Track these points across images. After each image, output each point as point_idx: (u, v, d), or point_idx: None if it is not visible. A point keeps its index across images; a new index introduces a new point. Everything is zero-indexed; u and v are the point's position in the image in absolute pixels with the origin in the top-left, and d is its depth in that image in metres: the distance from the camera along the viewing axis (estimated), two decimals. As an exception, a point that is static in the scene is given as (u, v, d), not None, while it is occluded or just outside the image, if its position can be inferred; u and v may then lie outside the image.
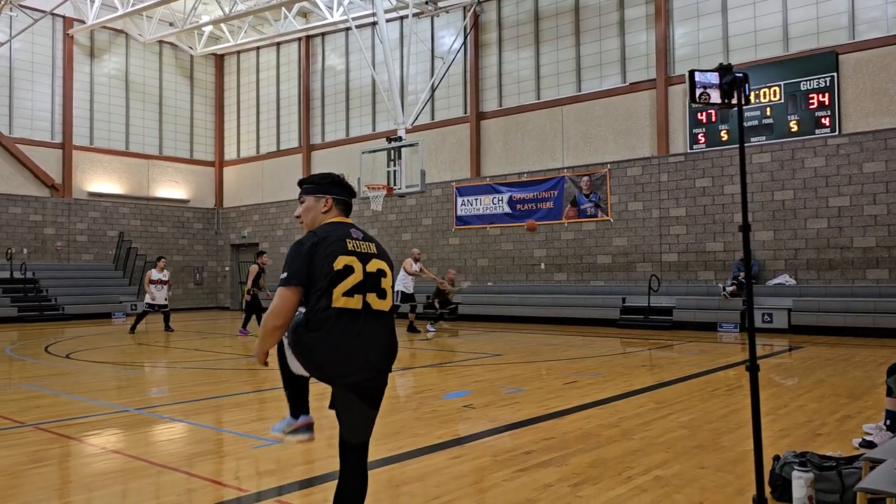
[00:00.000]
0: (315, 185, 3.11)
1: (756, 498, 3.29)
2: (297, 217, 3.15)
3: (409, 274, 15.75)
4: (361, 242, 3.00)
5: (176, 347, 13.14)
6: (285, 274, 2.84)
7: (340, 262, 2.87)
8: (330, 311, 2.83)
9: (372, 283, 2.92)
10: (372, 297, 2.91)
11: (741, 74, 2.90)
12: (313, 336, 2.84)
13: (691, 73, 2.88)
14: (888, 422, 4.96)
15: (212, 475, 4.58)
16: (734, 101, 2.82)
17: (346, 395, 2.94)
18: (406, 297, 15.83)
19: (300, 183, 3.16)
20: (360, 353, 2.86)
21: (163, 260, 16.90)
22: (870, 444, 4.85)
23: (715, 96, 2.83)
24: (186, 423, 6.30)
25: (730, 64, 2.92)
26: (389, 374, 3.05)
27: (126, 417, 6.61)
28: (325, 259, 2.86)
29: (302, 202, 3.13)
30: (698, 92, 2.82)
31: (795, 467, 3.52)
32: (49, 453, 5.24)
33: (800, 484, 3.40)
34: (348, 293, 2.85)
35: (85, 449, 5.39)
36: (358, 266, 2.90)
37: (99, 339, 15.12)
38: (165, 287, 16.39)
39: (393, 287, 3.07)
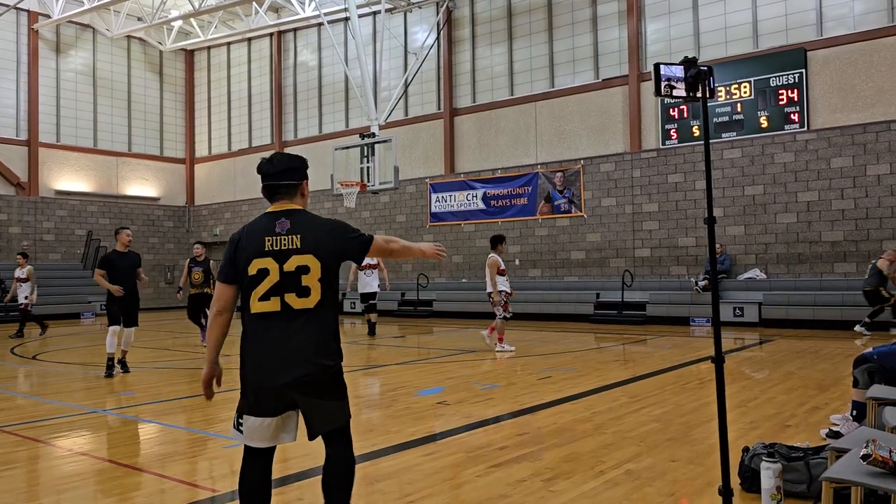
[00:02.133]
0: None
1: (721, 489, 3.32)
2: None
3: (361, 269, 13.65)
4: (284, 237, 2.87)
5: (146, 347, 12.95)
6: (218, 269, 2.98)
7: (254, 267, 2.85)
8: (250, 317, 2.88)
9: (291, 281, 2.83)
10: (291, 297, 2.82)
11: (706, 68, 2.92)
12: (242, 343, 2.92)
13: (657, 66, 2.90)
14: (854, 412, 5.04)
15: (183, 476, 4.52)
16: (699, 94, 2.85)
17: (295, 397, 2.89)
18: (364, 298, 14.15)
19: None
20: (281, 353, 2.81)
21: (20, 256, 15.32)
22: (837, 435, 4.93)
23: (680, 89, 2.85)
24: (157, 424, 6.21)
25: (695, 57, 2.95)
26: (332, 370, 2.92)
27: (95, 419, 6.50)
28: (242, 262, 2.88)
29: None
30: (663, 84, 2.84)
31: (764, 458, 3.56)
32: (16, 456, 5.13)
33: (768, 475, 3.44)
34: (264, 297, 2.83)
35: (53, 451, 5.28)
36: (274, 266, 2.83)
37: (67, 339, 14.85)
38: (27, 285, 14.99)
39: (325, 280, 2.88)
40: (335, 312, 2.97)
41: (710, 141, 16.08)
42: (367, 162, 17.06)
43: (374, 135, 17.17)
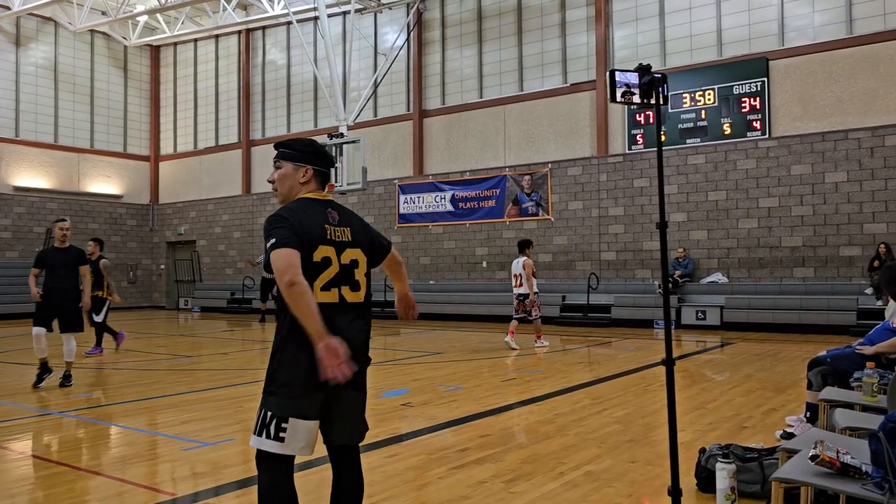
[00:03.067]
0: (296, 151, 2.85)
1: (670, 489, 3.38)
2: (271, 182, 2.89)
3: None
4: (338, 229, 2.78)
5: (107, 347, 12.70)
6: (274, 239, 2.58)
7: (320, 253, 2.68)
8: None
9: (346, 275, 2.76)
10: (346, 290, 2.75)
11: (659, 75, 2.98)
12: (292, 337, 2.65)
13: (612, 72, 2.95)
14: (808, 414, 5.16)
15: (142, 479, 4.44)
16: (653, 101, 2.91)
17: (334, 393, 2.71)
18: (266, 283, 14.58)
19: (277, 146, 2.89)
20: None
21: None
22: (791, 436, 5.04)
23: (636, 95, 2.90)
24: (115, 426, 6.10)
25: (649, 64, 3.00)
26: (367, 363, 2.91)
27: (49, 421, 6.36)
28: (307, 243, 2.65)
29: (278, 167, 2.87)
30: (619, 90, 2.89)
31: (719, 459, 3.63)
32: (-36, 460, 4.99)
33: (723, 475, 3.51)
34: (326, 287, 2.69)
35: (4, 454, 5.15)
36: (335, 257, 2.73)
37: (23, 339, 14.49)
38: None
39: (368, 275, 2.91)
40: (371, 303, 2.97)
41: (675, 147, 16.39)
42: (336, 162, 16.97)
43: (342, 135, 17.10)
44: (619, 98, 2.87)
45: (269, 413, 2.64)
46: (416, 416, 6.28)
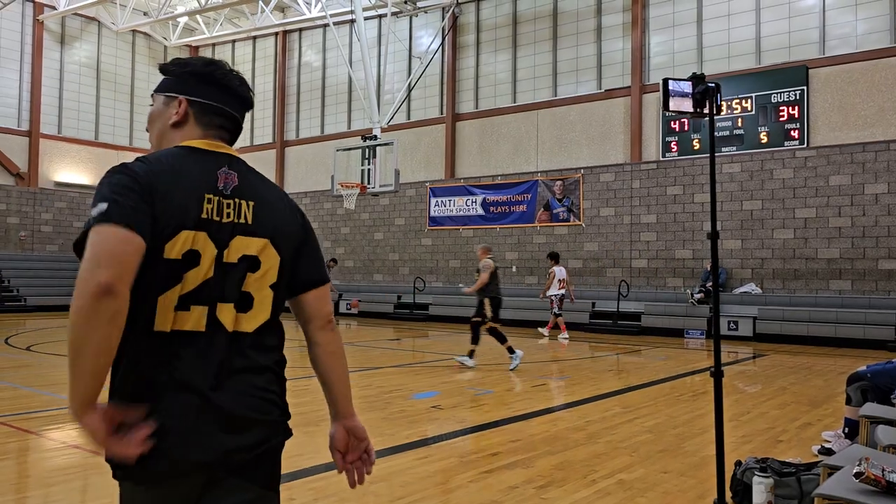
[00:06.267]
0: (169, 75, 1.73)
1: (717, 501, 3.34)
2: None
3: None
4: (228, 202, 1.61)
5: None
6: (103, 206, 1.44)
7: (180, 244, 1.52)
8: (150, 337, 1.52)
9: (228, 283, 1.58)
10: (224, 312, 1.57)
11: (713, 84, 2.94)
12: (128, 379, 1.54)
13: (665, 81, 2.92)
14: (846, 429, 5.07)
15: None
16: (706, 110, 2.87)
17: (213, 486, 1.57)
18: None
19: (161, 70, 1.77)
20: (211, 407, 1.53)
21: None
22: (828, 452, 4.95)
23: (687, 105, 2.87)
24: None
25: (702, 73, 2.97)
26: (285, 437, 1.69)
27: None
28: (165, 223, 1.51)
29: (150, 106, 1.77)
30: (673, 101, 2.86)
31: (756, 473, 3.58)
32: (7, 448, 5.13)
33: (760, 489, 3.46)
34: (182, 304, 1.53)
35: (44, 444, 5.27)
36: (209, 251, 1.56)
37: (62, 331, 14.82)
38: None
39: (280, 286, 1.67)
40: (281, 341, 1.72)
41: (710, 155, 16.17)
42: (368, 164, 17.09)
43: (375, 137, 17.20)
44: (671, 107, 2.85)
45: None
46: (447, 419, 6.29)
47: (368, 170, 17.07)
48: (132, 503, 1.56)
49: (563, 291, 15.03)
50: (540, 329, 15.66)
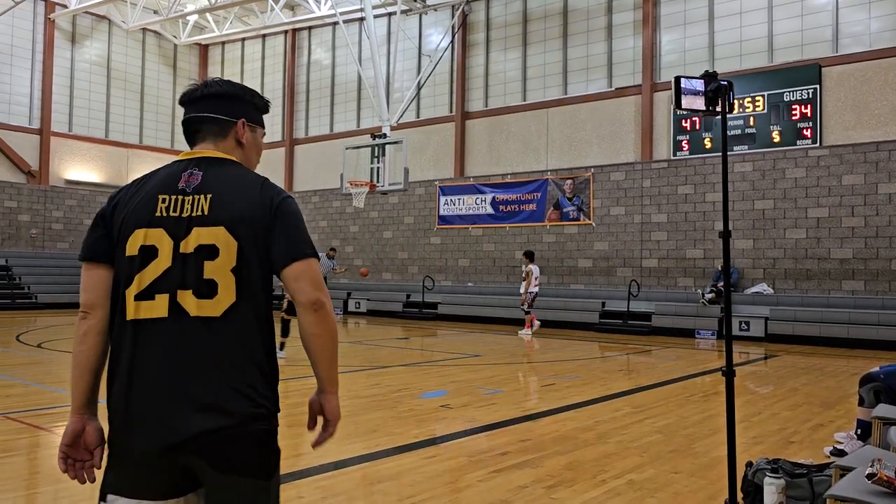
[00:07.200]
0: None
1: (728, 501, 3.31)
2: None
3: None
4: (184, 199, 1.79)
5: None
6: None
7: (135, 242, 1.76)
8: (121, 326, 1.76)
9: (188, 270, 1.73)
10: (185, 297, 1.72)
11: (726, 82, 2.91)
12: (108, 369, 1.81)
13: (677, 78, 2.88)
14: (859, 431, 5.01)
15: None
16: (718, 108, 2.83)
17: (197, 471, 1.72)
18: None
19: None
20: (171, 390, 1.69)
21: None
22: (841, 453, 4.90)
23: (699, 103, 2.83)
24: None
25: (715, 72, 2.93)
26: (259, 424, 1.74)
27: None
28: (119, 231, 1.79)
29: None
30: (686, 98, 2.83)
31: (767, 474, 3.55)
32: (17, 443, 5.15)
33: (771, 490, 3.43)
34: (145, 294, 1.73)
35: (54, 440, 5.29)
36: (166, 244, 1.75)
37: (72, 329, 14.89)
38: None
39: (243, 270, 1.75)
40: (263, 325, 1.80)
41: (721, 154, 16.07)
42: (378, 162, 17.08)
43: (385, 135, 17.19)
44: (683, 105, 2.82)
45: (104, 479, 1.79)
46: (455, 418, 6.28)
47: (378, 168, 17.05)
48: (114, 484, 1.75)
49: (537, 289, 15.46)
50: (521, 332, 15.43)
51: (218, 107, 1.92)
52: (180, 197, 1.79)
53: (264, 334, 1.80)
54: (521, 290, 15.56)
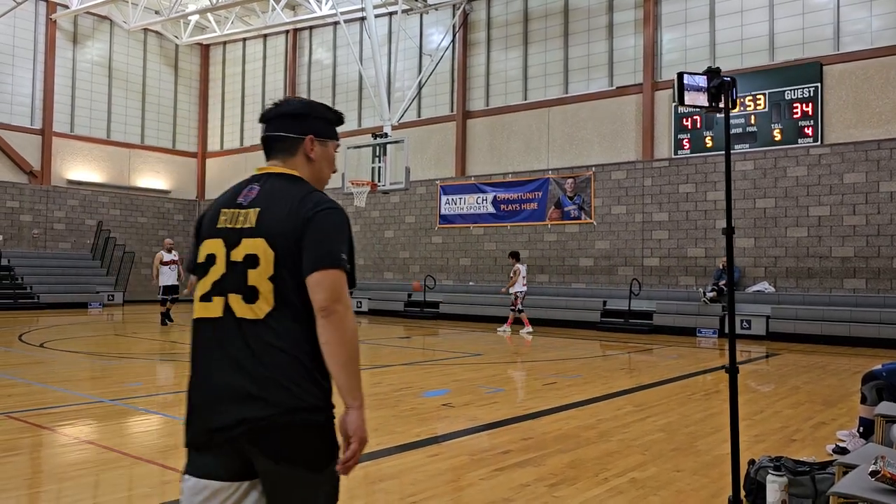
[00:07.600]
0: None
1: (731, 499, 3.31)
2: None
3: (164, 263, 15.23)
4: (240, 212, 1.97)
5: (154, 339, 13.00)
6: None
7: (204, 251, 2.01)
8: (193, 323, 2.01)
9: (235, 277, 1.91)
10: (236, 301, 1.90)
11: (729, 79, 2.91)
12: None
13: (680, 74, 2.88)
14: (861, 429, 5.01)
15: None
16: (721, 104, 2.83)
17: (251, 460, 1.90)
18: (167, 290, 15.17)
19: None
20: (224, 379, 1.88)
21: (168, 240, 15.87)
22: (843, 451, 4.90)
23: (702, 99, 2.83)
24: (161, 416, 6.23)
25: (718, 67, 2.93)
26: (310, 416, 1.87)
27: (100, 408, 6.52)
28: (197, 241, 2.09)
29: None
30: (689, 95, 2.82)
31: (770, 472, 3.55)
32: (20, 443, 5.16)
33: (774, 488, 3.43)
34: (206, 296, 1.96)
35: (57, 439, 5.30)
36: (221, 252, 1.95)
37: (74, 328, 14.92)
38: (177, 268, 15.31)
39: (281, 279, 1.89)
40: (304, 327, 1.89)
41: (722, 152, 16.06)
42: (379, 162, 17.09)
43: (386, 135, 17.19)
44: (686, 101, 2.82)
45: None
46: (457, 417, 6.28)
47: (379, 167, 17.06)
48: (186, 465, 1.94)
49: (525, 288, 15.65)
50: (499, 330, 15.82)
51: (287, 125, 2.07)
52: (237, 210, 1.98)
53: (305, 336, 1.89)
54: (510, 291, 15.60)
